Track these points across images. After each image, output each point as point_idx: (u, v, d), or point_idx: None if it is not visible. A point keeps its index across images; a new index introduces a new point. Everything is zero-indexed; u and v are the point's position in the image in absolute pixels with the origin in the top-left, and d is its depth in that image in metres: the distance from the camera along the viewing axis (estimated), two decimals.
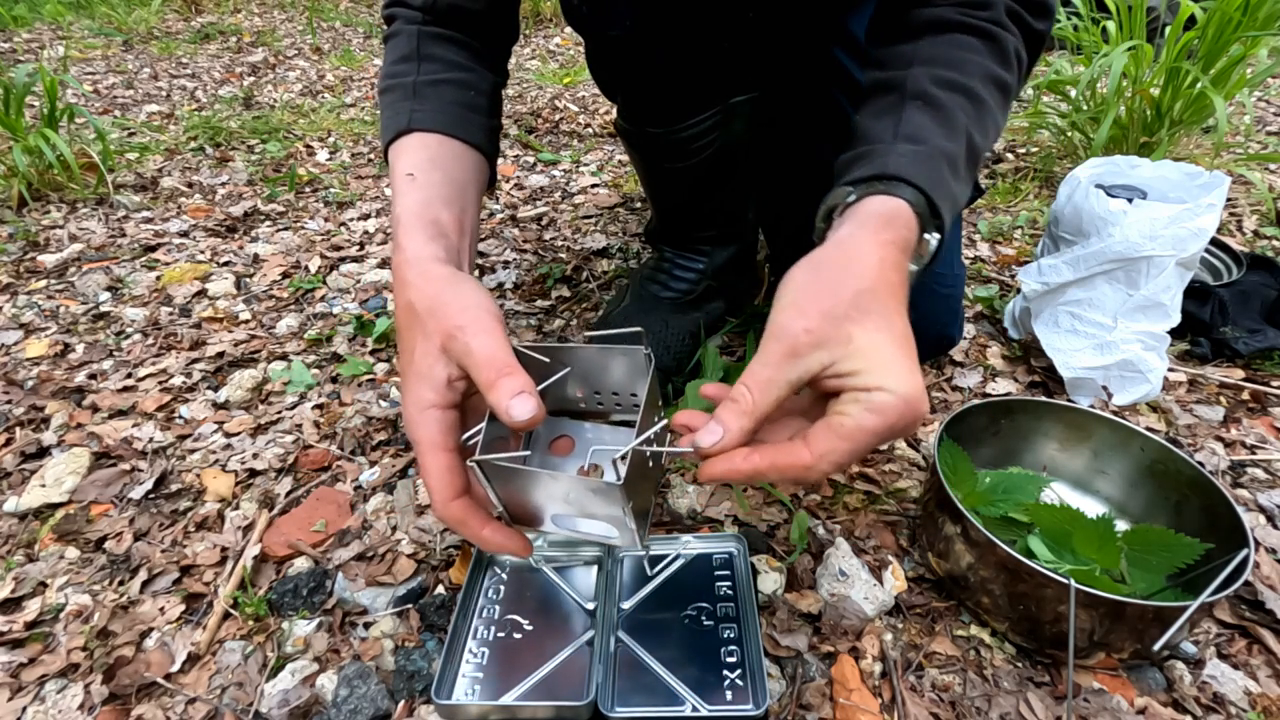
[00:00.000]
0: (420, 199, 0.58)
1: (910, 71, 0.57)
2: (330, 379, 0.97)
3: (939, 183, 0.51)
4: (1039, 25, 0.61)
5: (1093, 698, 0.57)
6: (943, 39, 0.58)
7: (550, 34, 3.18)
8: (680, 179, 0.90)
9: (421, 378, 0.49)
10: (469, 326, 0.48)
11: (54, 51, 2.70)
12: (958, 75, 0.56)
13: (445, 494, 0.48)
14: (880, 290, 0.45)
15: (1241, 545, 0.57)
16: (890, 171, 0.50)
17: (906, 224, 0.49)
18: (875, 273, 0.45)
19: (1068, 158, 1.62)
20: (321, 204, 1.52)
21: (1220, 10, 1.40)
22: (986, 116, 0.56)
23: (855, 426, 0.42)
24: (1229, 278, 1.06)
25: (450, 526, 0.49)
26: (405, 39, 0.69)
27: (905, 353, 0.44)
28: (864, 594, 0.64)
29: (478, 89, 0.69)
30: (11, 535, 0.74)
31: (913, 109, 0.55)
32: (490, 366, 0.46)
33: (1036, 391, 0.93)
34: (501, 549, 0.51)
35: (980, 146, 0.56)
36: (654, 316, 0.93)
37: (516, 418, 0.44)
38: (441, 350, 0.48)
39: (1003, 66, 0.58)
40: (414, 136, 0.63)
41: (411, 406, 0.49)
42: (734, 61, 0.79)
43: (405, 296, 0.52)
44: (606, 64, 0.82)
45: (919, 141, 0.52)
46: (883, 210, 0.49)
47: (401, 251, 0.54)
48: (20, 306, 1.14)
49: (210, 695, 0.59)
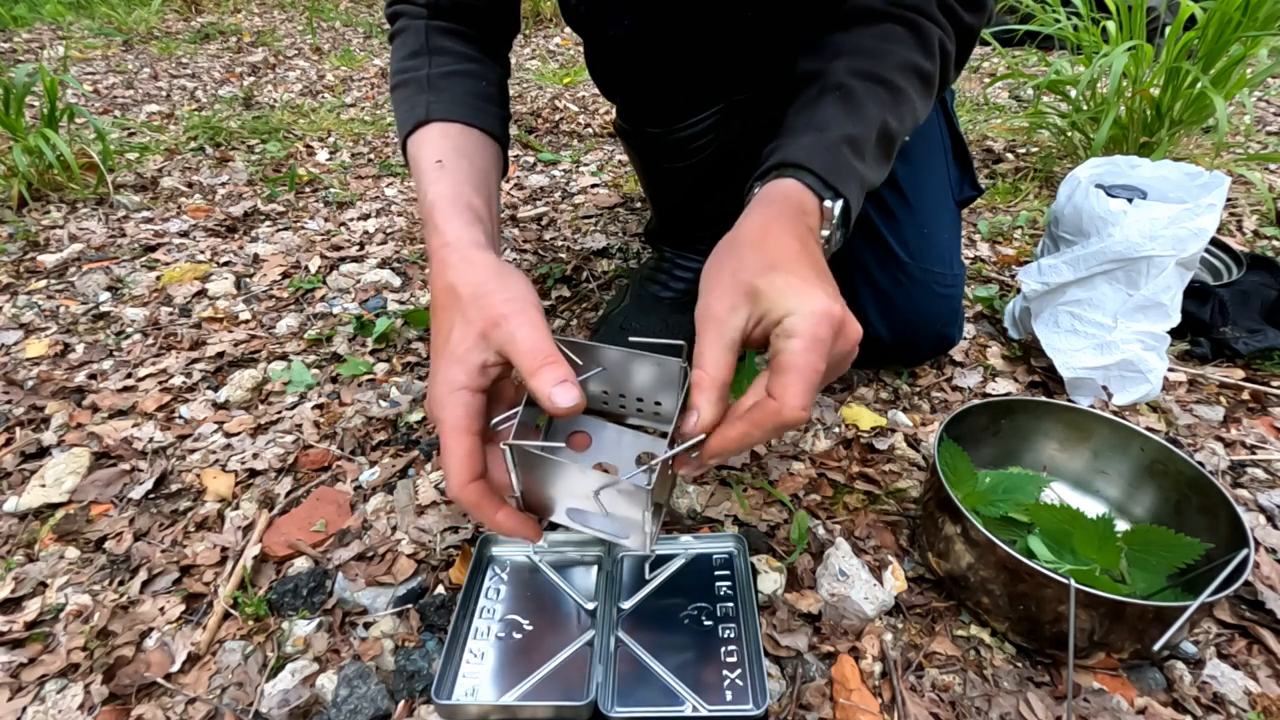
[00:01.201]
0: (453, 185, 0.59)
1: (833, 64, 0.61)
2: (330, 379, 0.97)
3: (834, 163, 0.55)
4: (969, 19, 0.63)
5: (1093, 698, 0.57)
6: (869, 30, 0.62)
7: (550, 34, 3.18)
8: (680, 179, 0.90)
9: (456, 360, 0.49)
10: (513, 316, 0.49)
11: (54, 51, 2.71)
12: (875, 66, 0.60)
13: (464, 476, 0.48)
14: (772, 245, 0.49)
15: (1241, 545, 0.57)
16: (786, 160, 0.56)
17: (793, 195, 0.54)
18: (764, 234, 0.50)
19: (1068, 158, 1.62)
20: (321, 204, 1.52)
21: (1220, 10, 1.40)
22: (903, 104, 0.60)
23: (786, 358, 0.45)
24: (1229, 278, 1.06)
25: (465, 508, 0.50)
26: (413, 34, 0.70)
27: (811, 279, 0.47)
28: (864, 594, 0.64)
29: (489, 80, 0.71)
30: (11, 535, 0.74)
31: (827, 101, 0.59)
32: (535, 354, 0.47)
33: (1036, 391, 0.93)
34: (513, 533, 0.51)
35: (895, 131, 0.60)
36: (654, 316, 0.93)
37: (559, 405, 0.45)
38: (481, 336, 0.49)
39: (925, 56, 0.61)
40: (434, 126, 0.64)
41: (441, 386, 0.49)
42: (733, 61, 0.79)
43: (446, 279, 0.53)
44: (606, 64, 0.83)
45: (822, 130, 0.57)
46: (771, 191, 0.55)
47: (440, 235, 0.56)
48: (20, 306, 1.14)
49: (210, 695, 0.59)
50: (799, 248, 0.50)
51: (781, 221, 0.52)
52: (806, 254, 0.49)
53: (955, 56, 0.64)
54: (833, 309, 0.45)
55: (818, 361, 0.44)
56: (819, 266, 0.49)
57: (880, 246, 0.85)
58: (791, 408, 0.44)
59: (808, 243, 0.51)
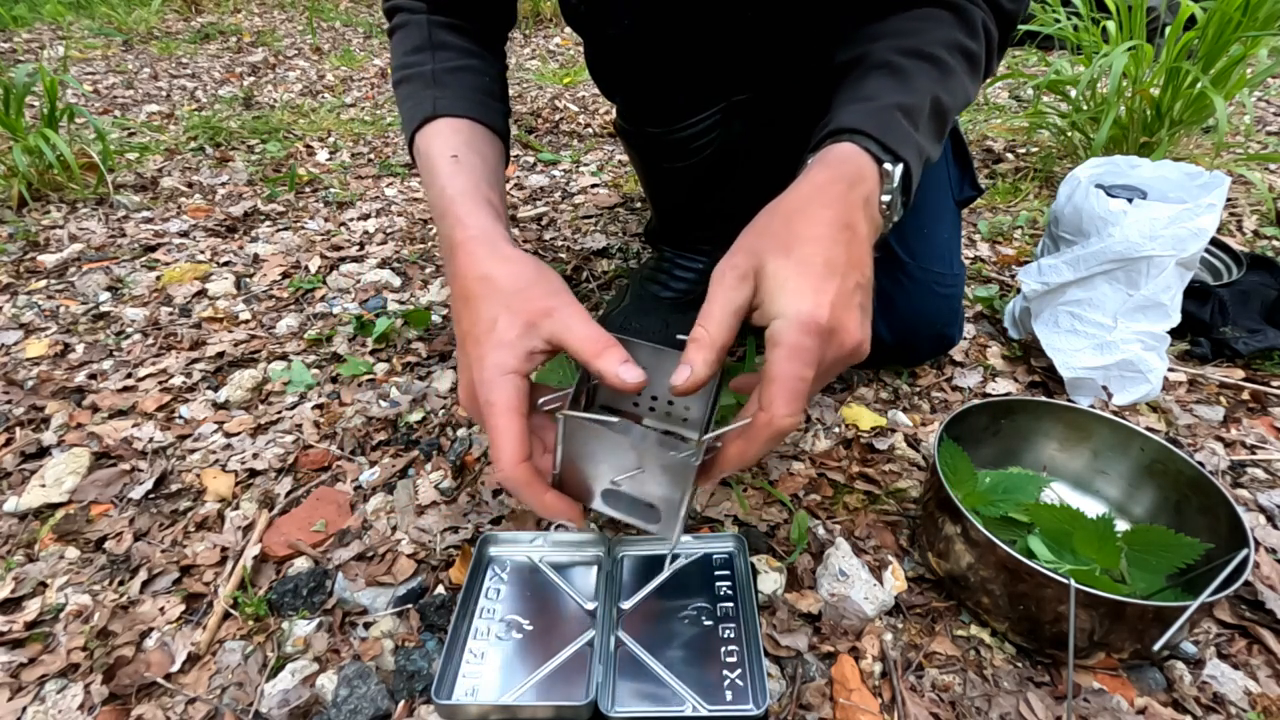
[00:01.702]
0: (471, 179, 0.60)
1: (874, 45, 0.60)
2: (330, 379, 0.97)
3: (890, 127, 0.53)
4: (1009, 6, 0.62)
5: (1093, 698, 0.57)
6: (909, 14, 0.61)
7: (550, 34, 3.18)
8: (680, 179, 0.90)
9: (505, 345, 0.50)
10: (564, 307, 0.50)
11: (54, 51, 2.71)
12: (920, 43, 0.58)
13: (516, 455, 0.49)
14: (806, 220, 0.48)
15: (1241, 545, 0.57)
16: (836, 126, 0.54)
17: (848, 159, 0.52)
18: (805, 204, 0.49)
19: (1068, 158, 1.62)
20: (321, 204, 1.52)
21: (1220, 10, 1.40)
22: (952, 80, 0.58)
23: (770, 366, 0.45)
24: (1229, 278, 1.06)
25: (512, 489, 0.51)
26: (415, 29, 0.70)
27: (807, 275, 0.45)
28: (864, 594, 0.64)
29: (490, 75, 0.71)
30: (11, 535, 0.74)
31: (874, 76, 0.58)
32: (595, 339, 0.49)
33: (1036, 391, 0.93)
34: (560, 514, 0.52)
35: (948, 106, 0.58)
36: (654, 316, 0.93)
37: (629, 380, 0.47)
38: (529, 324, 0.50)
39: (969, 36, 0.60)
40: (443, 122, 0.64)
41: (490, 370, 0.50)
42: (733, 61, 0.79)
43: (480, 269, 0.53)
44: (606, 64, 0.83)
45: (871, 99, 0.55)
46: (827, 155, 0.53)
47: (465, 228, 0.56)
48: (20, 306, 1.14)
49: (210, 695, 0.59)
50: (830, 229, 0.48)
51: (831, 190, 0.50)
52: (833, 237, 0.47)
53: (999, 41, 0.63)
54: (818, 316, 0.44)
55: (802, 369, 0.44)
56: (836, 255, 0.47)
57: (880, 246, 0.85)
58: (780, 416, 0.44)
59: (850, 220, 0.49)
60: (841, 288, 0.46)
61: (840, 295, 0.46)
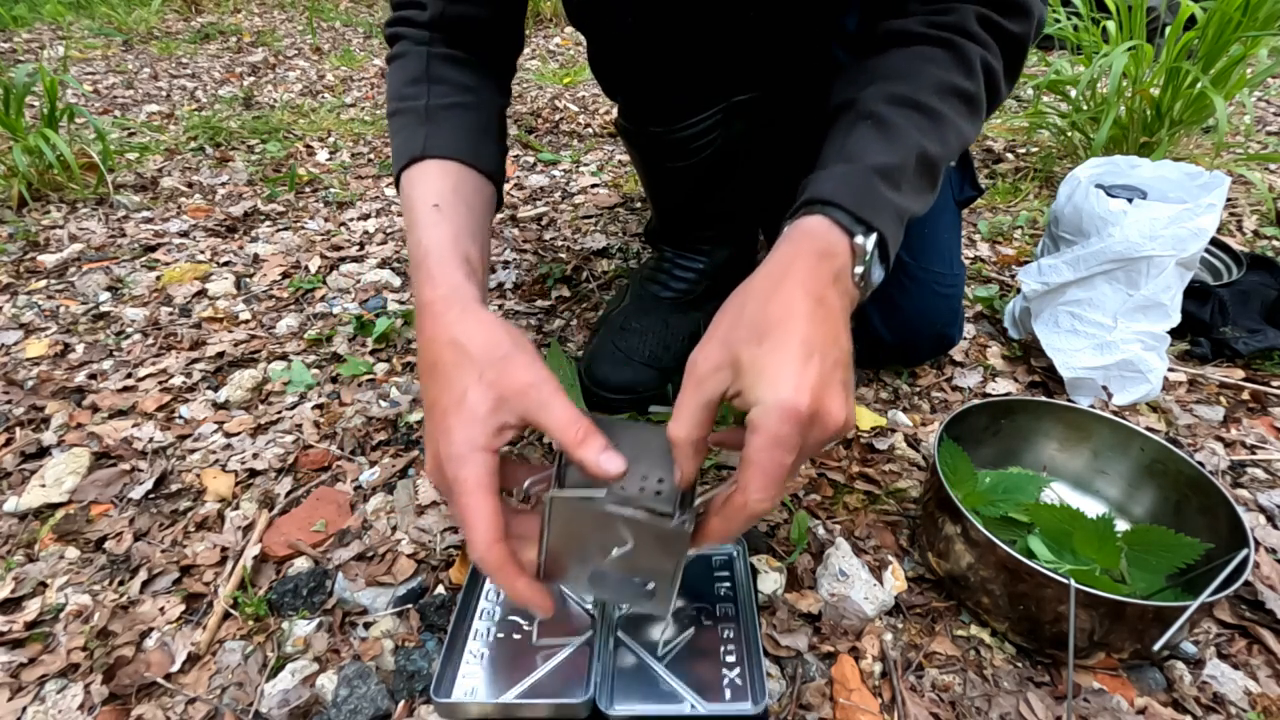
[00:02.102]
0: (450, 232, 0.57)
1: (865, 92, 0.58)
2: (330, 379, 0.97)
3: (865, 197, 0.51)
4: (1015, 28, 0.60)
5: (1093, 698, 0.57)
6: (905, 52, 0.59)
7: (550, 34, 3.18)
8: (680, 179, 0.90)
9: (476, 420, 0.48)
10: (542, 385, 0.49)
11: (54, 51, 2.71)
12: (909, 90, 0.56)
13: (491, 536, 0.47)
14: (779, 302, 0.46)
15: (1241, 545, 0.57)
16: (814, 196, 0.52)
17: (817, 235, 0.50)
18: (776, 286, 0.47)
19: (1068, 158, 1.62)
20: (321, 204, 1.52)
21: (1220, 10, 1.40)
22: (944, 127, 0.57)
23: (749, 452, 0.44)
24: (1229, 278, 1.06)
25: (488, 571, 0.49)
26: (414, 60, 0.67)
27: (785, 360, 0.44)
28: (864, 594, 0.64)
29: (488, 113, 0.68)
30: (11, 535, 0.74)
31: (860, 129, 0.56)
32: (575, 424, 0.47)
33: (1036, 391, 0.93)
34: (529, 603, 0.50)
35: (936, 156, 0.56)
36: (654, 316, 0.93)
37: (611, 470, 0.47)
38: (502, 399, 0.48)
39: (965, 76, 0.58)
40: (431, 164, 0.62)
41: (460, 445, 0.48)
42: (734, 61, 0.79)
43: (450, 333, 0.51)
44: (607, 63, 0.82)
45: (852, 160, 0.53)
46: (795, 231, 0.51)
47: (436, 286, 0.54)
48: (20, 306, 1.14)
49: (210, 695, 0.59)
50: (805, 307, 0.46)
51: (799, 267, 0.48)
52: (809, 316, 0.46)
53: (1004, 70, 0.61)
54: (798, 404, 0.42)
55: (781, 456, 0.43)
56: (812, 334, 0.45)
57: None
58: (756, 500, 0.44)
59: (822, 296, 0.47)
60: (821, 369, 0.44)
61: (820, 377, 0.44)
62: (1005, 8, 0.59)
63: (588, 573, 0.52)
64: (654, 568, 0.50)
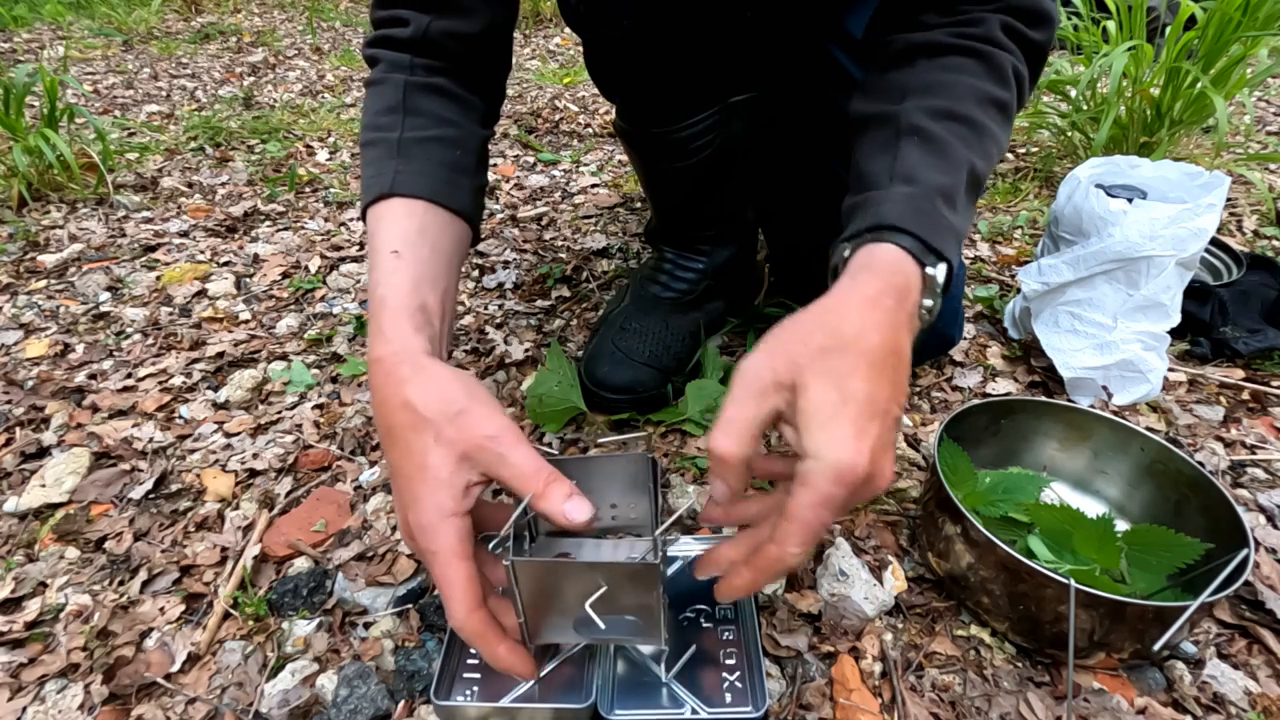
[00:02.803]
0: (408, 280, 0.55)
1: (903, 105, 0.56)
2: (330, 379, 0.97)
3: (934, 223, 0.50)
4: (1037, 36, 0.59)
5: (1093, 698, 0.57)
6: (935, 63, 0.57)
7: (550, 34, 3.18)
8: (680, 179, 0.90)
9: (441, 484, 0.47)
10: (501, 437, 0.47)
11: (54, 51, 2.71)
12: (952, 103, 0.55)
13: (469, 604, 0.47)
14: (850, 349, 0.44)
15: (1241, 545, 0.57)
16: (884, 221, 0.50)
17: (898, 270, 0.48)
18: (850, 330, 0.45)
19: (1068, 158, 1.62)
20: (321, 204, 1.52)
21: (1220, 10, 1.40)
22: (987, 140, 0.56)
23: (795, 507, 0.43)
24: (1229, 278, 1.06)
25: (466, 638, 0.48)
26: (390, 88, 0.64)
27: (851, 416, 0.42)
28: (864, 594, 0.64)
29: (465, 147, 0.65)
30: (11, 535, 0.74)
31: (908, 146, 0.54)
32: (537, 475, 0.47)
33: (1036, 391, 0.93)
34: (510, 669, 0.50)
35: (982, 172, 0.56)
36: (654, 316, 0.93)
37: (576, 519, 0.46)
38: (463, 458, 0.47)
39: (999, 85, 0.57)
40: (398, 202, 0.59)
41: (429, 513, 0.47)
42: (733, 61, 0.79)
43: (402, 394, 0.49)
44: (605, 64, 0.82)
45: (913, 181, 0.52)
46: (871, 261, 0.49)
47: (387, 343, 0.52)
48: (20, 306, 1.14)
49: (210, 695, 0.59)
50: (879, 356, 0.44)
51: (882, 307, 0.46)
52: (881, 365, 0.44)
53: (1029, 78, 0.60)
54: (856, 465, 0.41)
55: (826, 516, 0.42)
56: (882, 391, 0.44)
57: None
58: (792, 554, 0.44)
59: (899, 342, 0.46)
60: (882, 430, 0.43)
61: (880, 439, 0.43)
62: (1029, 16, 0.58)
63: (571, 622, 0.51)
64: (635, 604, 0.49)
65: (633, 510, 0.58)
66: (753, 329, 1.01)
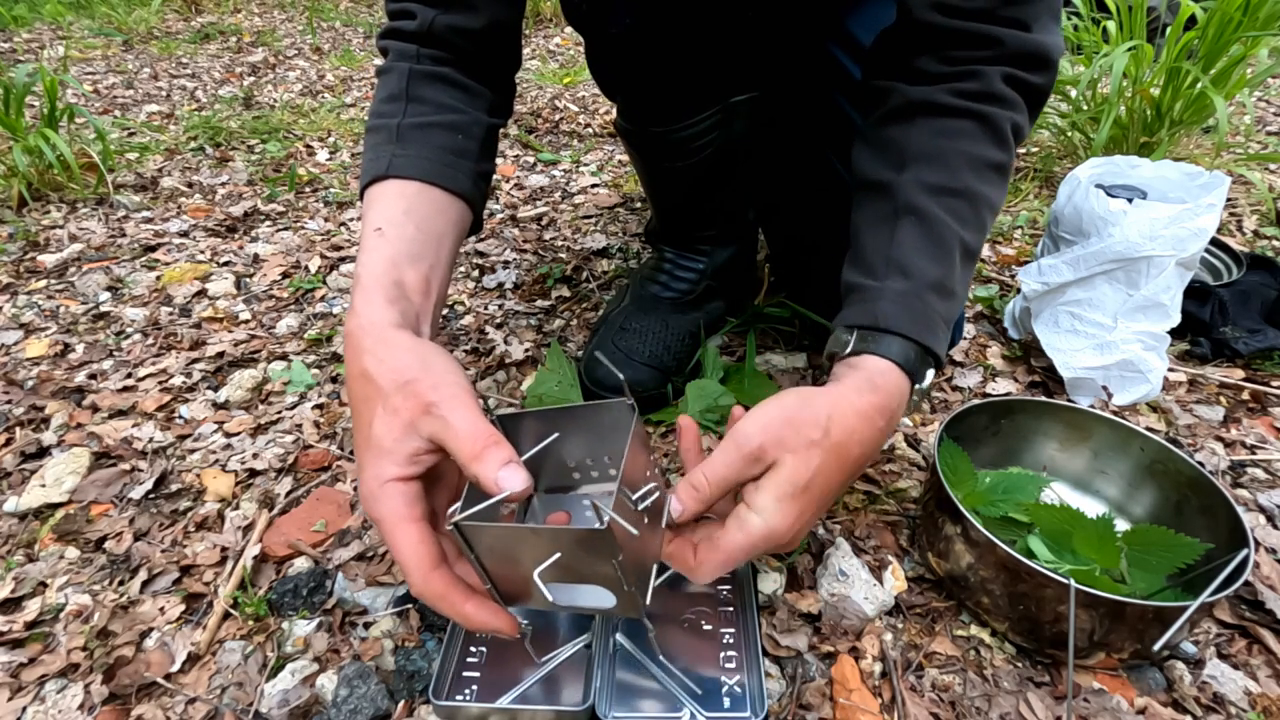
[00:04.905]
0: (386, 256, 0.55)
1: (902, 178, 0.58)
2: (330, 379, 0.97)
3: (927, 323, 0.55)
4: (1039, 80, 0.59)
5: (1093, 698, 0.57)
6: (935, 126, 0.59)
7: (550, 34, 3.18)
8: (680, 179, 0.90)
9: (383, 453, 0.47)
10: (444, 402, 0.47)
11: (54, 51, 2.71)
12: (949, 178, 0.57)
13: (424, 565, 0.45)
14: (832, 453, 0.50)
15: (1241, 545, 0.57)
16: (880, 323, 0.55)
17: (894, 390, 0.53)
18: (837, 437, 0.50)
19: (1068, 158, 1.62)
20: (321, 204, 1.52)
21: (1220, 10, 1.40)
22: (983, 210, 0.58)
23: (722, 540, 0.49)
24: (1229, 278, 1.06)
25: (430, 603, 0.47)
26: (395, 77, 0.65)
27: (803, 501, 0.49)
28: (864, 594, 0.64)
29: (468, 133, 0.66)
30: (11, 535, 0.74)
31: (905, 226, 0.57)
32: (473, 440, 0.45)
33: (1036, 391, 0.93)
34: (485, 627, 0.47)
35: (974, 247, 0.59)
36: (654, 316, 0.93)
37: (507, 488, 0.44)
38: (409, 425, 0.47)
39: (998, 148, 0.58)
40: (391, 184, 0.60)
41: (370, 482, 0.47)
42: (734, 61, 0.79)
43: (360, 364, 0.50)
44: (606, 63, 0.83)
45: (908, 275, 0.56)
46: (872, 375, 0.54)
47: (356, 316, 0.52)
48: (20, 306, 1.14)
49: (210, 695, 0.59)
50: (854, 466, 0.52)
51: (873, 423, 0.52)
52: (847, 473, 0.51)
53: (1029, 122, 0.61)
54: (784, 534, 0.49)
55: (740, 556, 0.49)
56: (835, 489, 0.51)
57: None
58: (701, 575, 0.51)
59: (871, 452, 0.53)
60: (816, 515, 0.51)
61: (810, 521, 0.51)
62: (1029, 62, 0.58)
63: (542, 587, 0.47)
64: (596, 572, 0.45)
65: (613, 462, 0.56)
66: (752, 329, 1.01)
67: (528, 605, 0.51)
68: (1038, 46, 0.58)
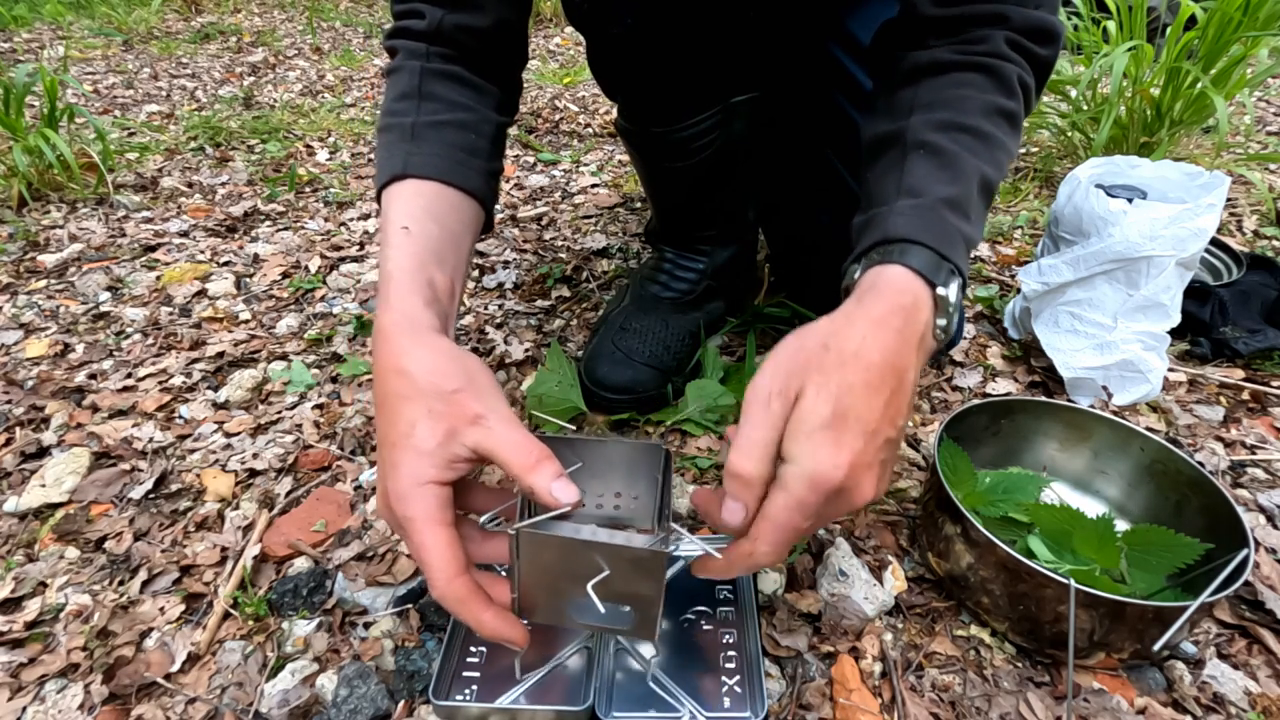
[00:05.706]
0: (415, 254, 0.56)
1: (910, 121, 0.56)
2: (330, 379, 0.97)
3: (942, 231, 0.50)
4: (1043, 52, 0.59)
5: (1093, 698, 0.57)
6: (941, 80, 0.57)
7: (550, 34, 3.18)
8: (680, 179, 0.90)
9: (422, 454, 0.47)
10: (491, 415, 0.47)
11: (54, 51, 2.71)
12: (958, 116, 0.55)
13: (449, 570, 0.46)
14: (849, 365, 0.44)
15: (1241, 545, 0.57)
16: (891, 234, 0.50)
17: (905, 289, 0.48)
18: (851, 347, 0.45)
19: (1068, 158, 1.62)
20: (321, 204, 1.52)
21: (1220, 10, 1.40)
22: (996, 149, 0.56)
23: (770, 508, 0.44)
24: (1229, 278, 1.06)
25: (450, 606, 0.47)
26: (407, 75, 0.65)
27: (835, 428, 0.43)
28: (864, 594, 0.64)
29: (479, 131, 0.66)
30: (11, 535, 0.74)
31: (914, 159, 0.54)
32: (527, 453, 0.46)
33: (1036, 391, 0.93)
34: (497, 636, 0.48)
35: (993, 180, 0.56)
36: (654, 316, 0.93)
37: (562, 500, 0.45)
38: (451, 431, 0.47)
39: (1007, 96, 0.57)
40: (409, 183, 0.60)
41: (405, 480, 0.47)
42: (734, 61, 0.79)
43: (397, 361, 0.50)
44: (607, 63, 0.82)
45: (919, 194, 0.52)
46: (878, 282, 0.49)
47: (392, 312, 0.52)
48: (20, 306, 1.14)
49: (210, 695, 0.59)
50: (876, 377, 0.45)
51: (887, 327, 0.46)
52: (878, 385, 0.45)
53: (1035, 88, 0.60)
54: (831, 476, 0.42)
55: (799, 520, 0.44)
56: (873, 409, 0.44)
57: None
58: (763, 553, 0.45)
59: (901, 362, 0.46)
60: (867, 446, 0.44)
61: (862, 455, 0.43)
62: (1033, 33, 0.58)
63: (567, 604, 0.50)
64: (634, 593, 0.47)
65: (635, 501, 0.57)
66: (753, 329, 1.01)
67: (542, 620, 0.52)
68: (1042, 20, 0.58)
